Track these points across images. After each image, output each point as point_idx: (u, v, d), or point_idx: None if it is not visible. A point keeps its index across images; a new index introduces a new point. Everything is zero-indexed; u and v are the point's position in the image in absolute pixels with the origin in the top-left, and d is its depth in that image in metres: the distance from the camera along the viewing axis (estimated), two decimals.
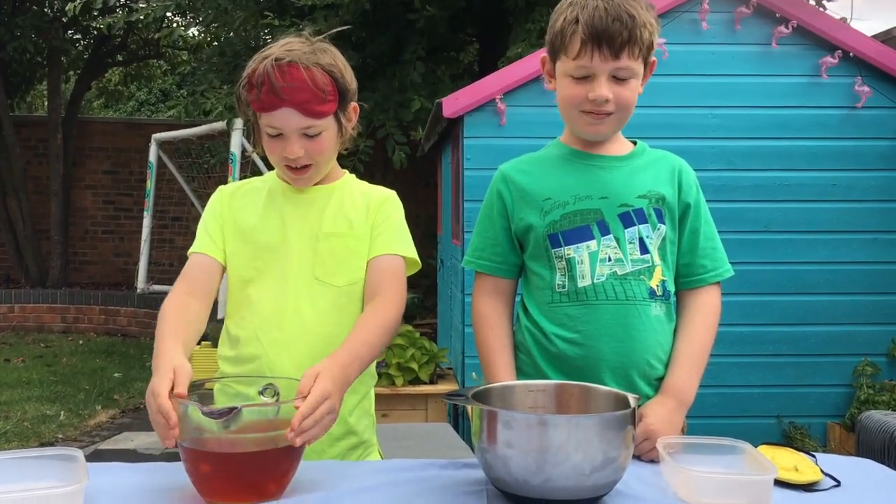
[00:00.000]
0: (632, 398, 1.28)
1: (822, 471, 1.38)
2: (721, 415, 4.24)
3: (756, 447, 1.40)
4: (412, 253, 1.70)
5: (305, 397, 1.28)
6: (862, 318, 4.35)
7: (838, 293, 4.35)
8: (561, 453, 1.15)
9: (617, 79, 1.59)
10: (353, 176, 1.80)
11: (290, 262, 1.65)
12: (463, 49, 8.13)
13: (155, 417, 1.25)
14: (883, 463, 1.53)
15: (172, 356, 1.38)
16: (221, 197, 1.75)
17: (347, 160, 1.72)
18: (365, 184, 1.79)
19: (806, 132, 4.35)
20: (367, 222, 1.69)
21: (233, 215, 1.71)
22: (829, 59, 4.27)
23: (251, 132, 1.73)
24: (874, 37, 4.76)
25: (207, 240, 1.70)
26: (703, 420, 3.90)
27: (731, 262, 1.75)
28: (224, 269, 1.72)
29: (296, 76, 1.55)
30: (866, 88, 4.27)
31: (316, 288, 1.65)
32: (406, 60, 6.24)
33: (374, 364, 1.73)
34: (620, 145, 1.72)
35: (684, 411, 1.62)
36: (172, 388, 1.28)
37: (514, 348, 1.72)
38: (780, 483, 1.31)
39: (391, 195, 1.76)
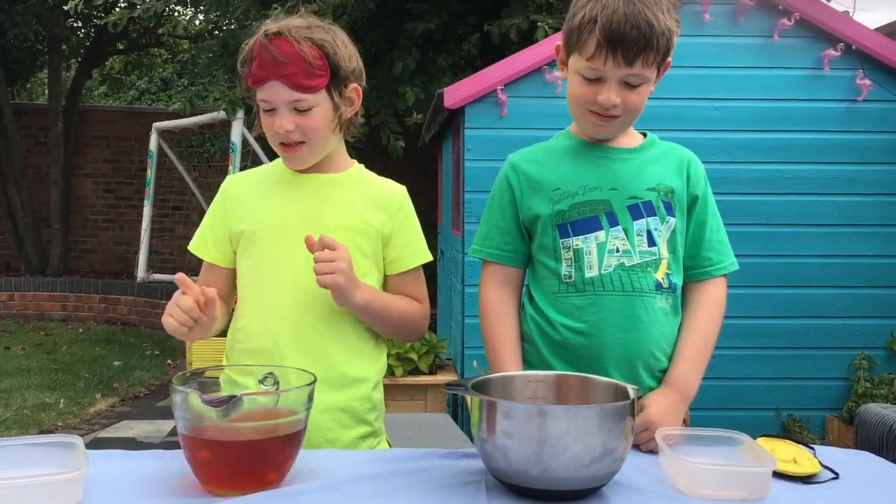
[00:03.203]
0: (631, 389, 1.28)
1: (820, 463, 1.38)
2: (720, 407, 4.25)
3: (755, 439, 1.40)
4: (428, 255, 1.77)
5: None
6: (862, 312, 4.35)
7: (838, 286, 4.36)
8: (560, 444, 1.15)
9: (628, 84, 1.57)
10: (362, 166, 1.79)
11: (297, 252, 1.63)
12: (465, 39, 8.11)
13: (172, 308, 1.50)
14: (881, 456, 1.53)
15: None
16: (226, 191, 1.74)
17: None
18: (374, 176, 1.78)
19: (807, 125, 4.35)
20: (378, 222, 1.69)
21: (239, 209, 1.70)
22: (831, 51, 4.26)
23: (254, 117, 1.73)
24: (877, 30, 4.75)
25: (204, 245, 1.72)
26: (702, 412, 3.90)
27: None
28: (232, 270, 1.73)
29: (283, 49, 1.55)
30: (868, 82, 4.26)
31: None
32: (402, 46, 6.19)
33: (384, 355, 1.76)
34: (630, 138, 1.72)
35: (686, 404, 1.62)
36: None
37: (521, 339, 1.72)
38: (778, 475, 1.32)
39: (405, 196, 1.76)
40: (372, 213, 1.70)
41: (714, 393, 4.25)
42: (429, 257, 1.77)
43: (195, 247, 1.74)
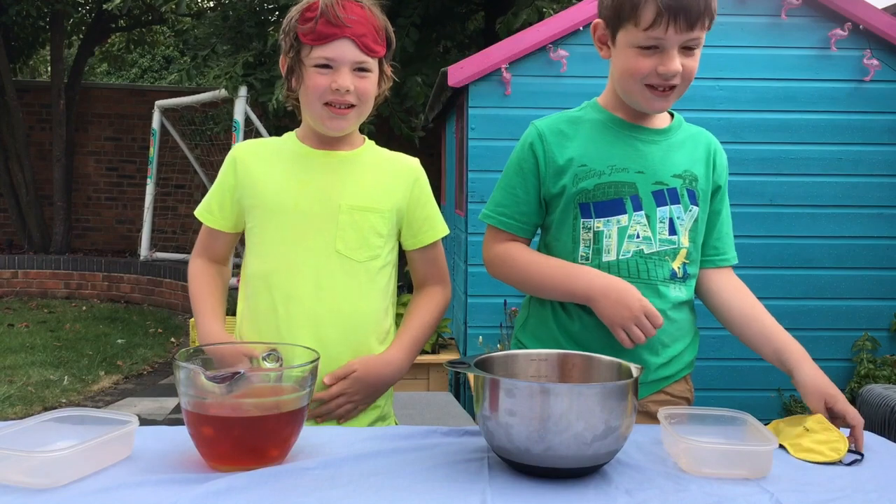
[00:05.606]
0: (634, 368, 1.28)
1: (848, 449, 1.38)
2: (722, 388, 4.26)
3: (780, 419, 1.40)
4: (446, 228, 1.78)
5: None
6: (865, 293, 4.35)
7: (842, 268, 4.35)
8: (563, 422, 1.16)
9: (685, 49, 1.53)
10: (373, 143, 1.78)
11: (309, 232, 1.63)
12: (468, 18, 8.06)
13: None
14: (883, 436, 1.54)
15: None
16: (236, 160, 1.71)
17: None
18: (386, 151, 1.78)
19: (813, 105, 4.33)
20: (394, 199, 1.69)
21: (250, 182, 1.68)
22: (838, 31, 4.23)
23: (287, 77, 1.68)
24: (885, 9, 4.71)
25: (209, 212, 1.72)
26: (704, 393, 3.91)
27: (735, 236, 1.76)
28: (236, 234, 1.74)
29: (356, 10, 1.60)
30: (875, 62, 4.23)
31: (336, 262, 1.63)
32: (400, 25, 6.13)
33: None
34: (660, 118, 1.68)
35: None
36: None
37: (536, 301, 1.72)
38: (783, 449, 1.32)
39: (420, 169, 1.77)
40: (388, 191, 1.69)
41: (716, 373, 4.26)
42: (446, 230, 1.77)
43: (202, 214, 1.74)
